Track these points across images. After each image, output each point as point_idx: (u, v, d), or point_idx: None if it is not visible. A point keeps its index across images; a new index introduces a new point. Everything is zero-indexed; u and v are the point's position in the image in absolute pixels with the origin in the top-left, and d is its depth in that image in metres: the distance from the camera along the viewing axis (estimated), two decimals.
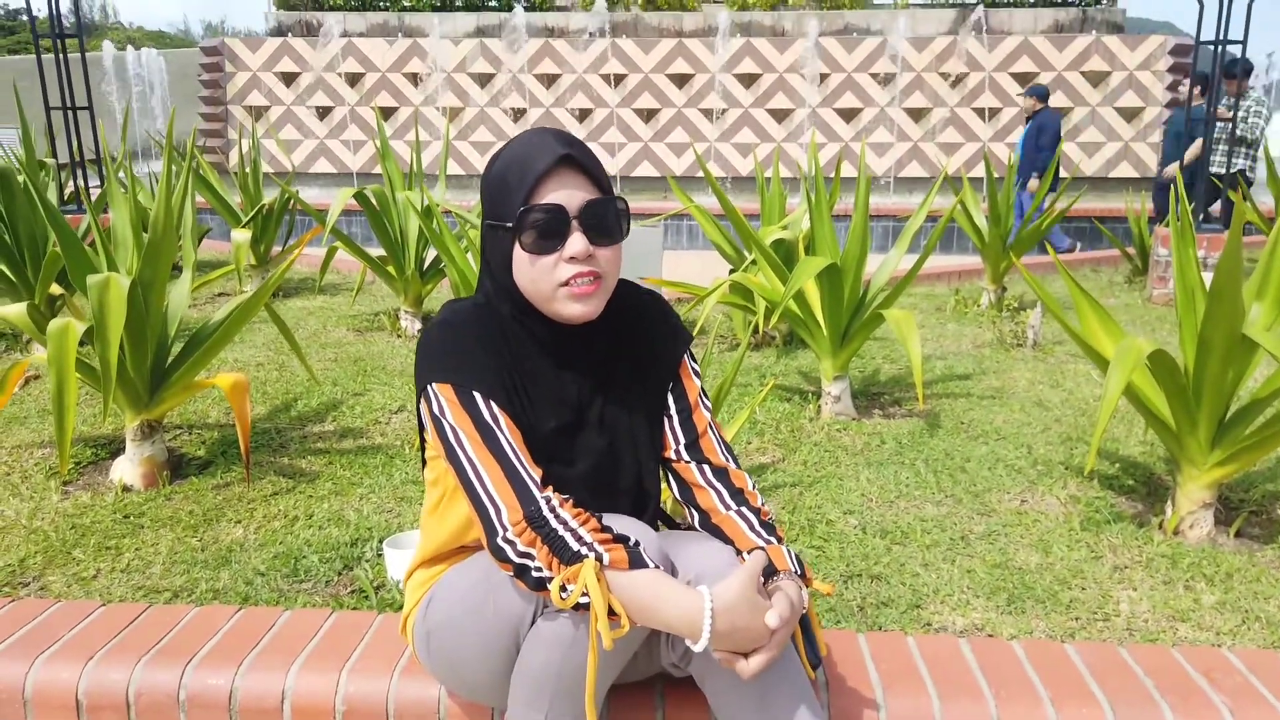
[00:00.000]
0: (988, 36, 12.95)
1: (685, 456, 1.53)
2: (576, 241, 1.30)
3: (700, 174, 12.92)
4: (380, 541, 2.41)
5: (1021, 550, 2.48)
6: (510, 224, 1.31)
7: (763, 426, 3.43)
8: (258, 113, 13.43)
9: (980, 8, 13.08)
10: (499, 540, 1.28)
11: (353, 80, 13.32)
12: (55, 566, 2.28)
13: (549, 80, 13.15)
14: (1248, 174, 7.31)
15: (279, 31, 13.80)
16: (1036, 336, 4.50)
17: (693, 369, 1.58)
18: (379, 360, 4.22)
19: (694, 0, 14.19)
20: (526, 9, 13.92)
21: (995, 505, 2.77)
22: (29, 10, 6.79)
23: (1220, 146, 7.30)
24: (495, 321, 1.40)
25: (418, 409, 1.46)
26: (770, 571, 1.37)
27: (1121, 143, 12.85)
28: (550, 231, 1.29)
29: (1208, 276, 5.51)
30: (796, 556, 1.43)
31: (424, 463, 1.56)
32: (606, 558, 1.23)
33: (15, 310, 2.84)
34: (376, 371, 4.02)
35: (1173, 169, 7.88)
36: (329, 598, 2.15)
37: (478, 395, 1.34)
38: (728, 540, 1.46)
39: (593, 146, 13.16)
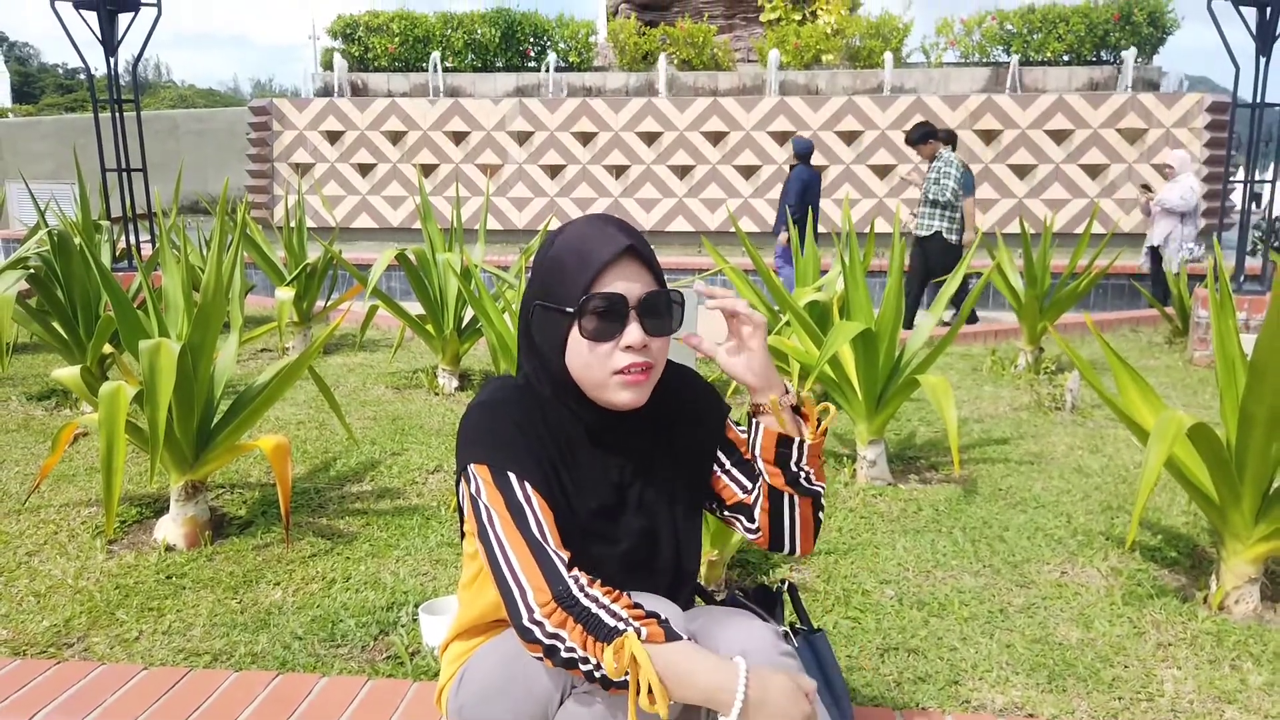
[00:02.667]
0: (1021, 94, 13.01)
1: (753, 487, 1.52)
2: (634, 332, 1.32)
3: (734, 229, 13.01)
4: (416, 606, 2.43)
5: (1062, 625, 2.44)
6: (570, 309, 1.33)
7: None
8: (303, 170, 13.80)
9: (1013, 66, 13.17)
10: (525, 622, 1.28)
11: (395, 138, 13.66)
12: (99, 627, 2.33)
13: (586, 138, 13.38)
14: (945, 235, 7.13)
15: (325, 92, 14.24)
16: (1075, 400, 4.45)
17: (736, 428, 1.60)
18: (416, 419, 4.27)
19: (729, 60, 14.45)
20: (565, 69, 14.24)
21: (1034, 577, 2.73)
22: (88, 74, 7.10)
23: (921, 209, 7.29)
24: (537, 403, 1.43)
25: (457, 486, 1.48)
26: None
27: None
28: (611, 320, 1.31)
29: (1249, 339, 5.43)
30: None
31: (463, 535, 1.58)
32: (644, 632, 1.24)
33: (69, 374, 2.94)
34: (414, 430, 4.07)
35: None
36: (365, 664, 2.17)
37: (513, 476, 1.35)
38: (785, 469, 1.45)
39: (628, 202, 13.36)
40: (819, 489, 1.48)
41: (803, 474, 1.45)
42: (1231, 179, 6.86)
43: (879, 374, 3.54)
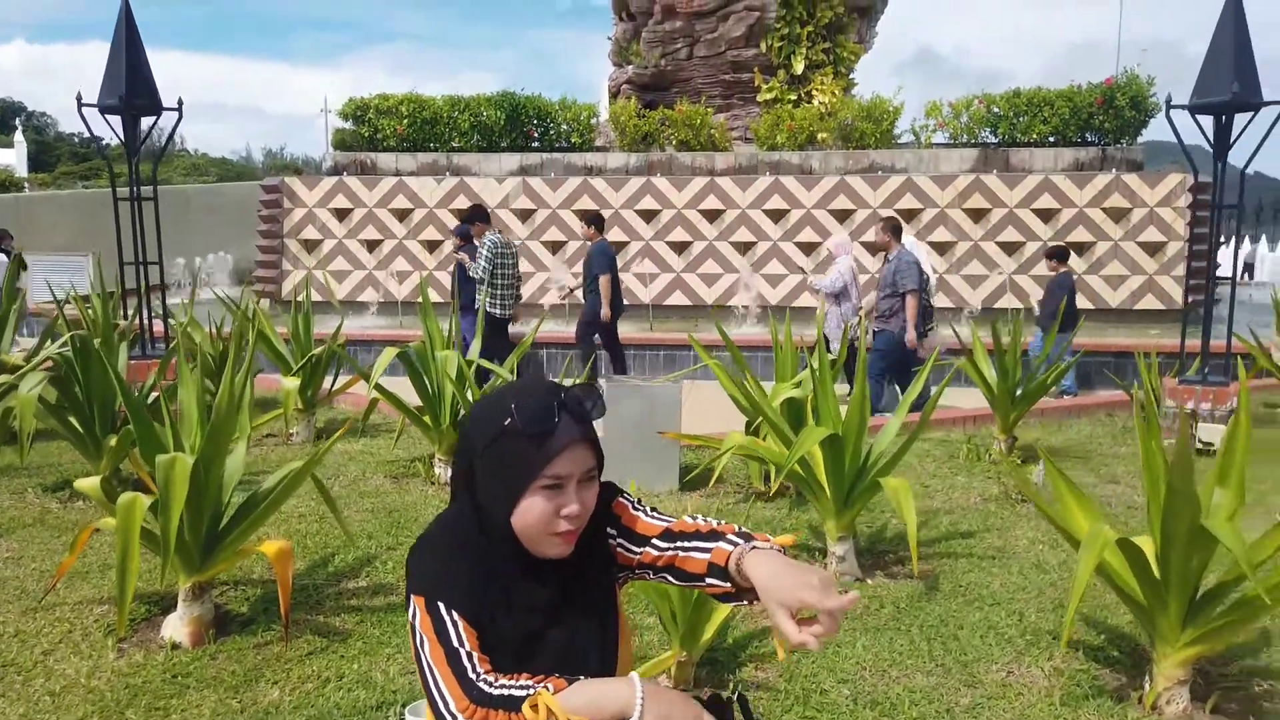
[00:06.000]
0: (1009, 174, 13.42)
1: (643, 557, 1.68)
2: (575, 505, 1.55)
3: (732, 301, 13.35)
4: (403, 706, 2.62)
5: None
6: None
7: None
8: (311, 246, 14.21)
9: (999, 147, 13.62)
10: None
11: (401, 215, 14.10)
12: None
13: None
14: (489, 309, 7.59)
15: (335, 170, 14.74)
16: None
17: (624, 500, 1.75)
18: (412, 511, 4.49)
19: (726, 141, 14.94)
20: (567, 149, 14.75)
21: (982, 676, 2.91)
22: (110, 170, 7.47)
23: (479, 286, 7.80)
24: (473, 539, 1.64)
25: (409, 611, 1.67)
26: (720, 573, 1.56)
27: (1145, 276, 13.08)
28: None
29: (1215, 429, 5.64)
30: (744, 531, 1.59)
31: None
32: (550, 687, 1.45)
33: (90, 484, 3.18)
34: (410, 524, 4.29)
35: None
36: None
37: (442, 605, 1.56)
38: (695, 575, 1.61)
39: (627, 276, 13.69)
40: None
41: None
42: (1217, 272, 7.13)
43: (846, 476, 3.76)
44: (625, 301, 9.04)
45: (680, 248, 13.85)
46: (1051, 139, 14.15)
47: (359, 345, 10.33)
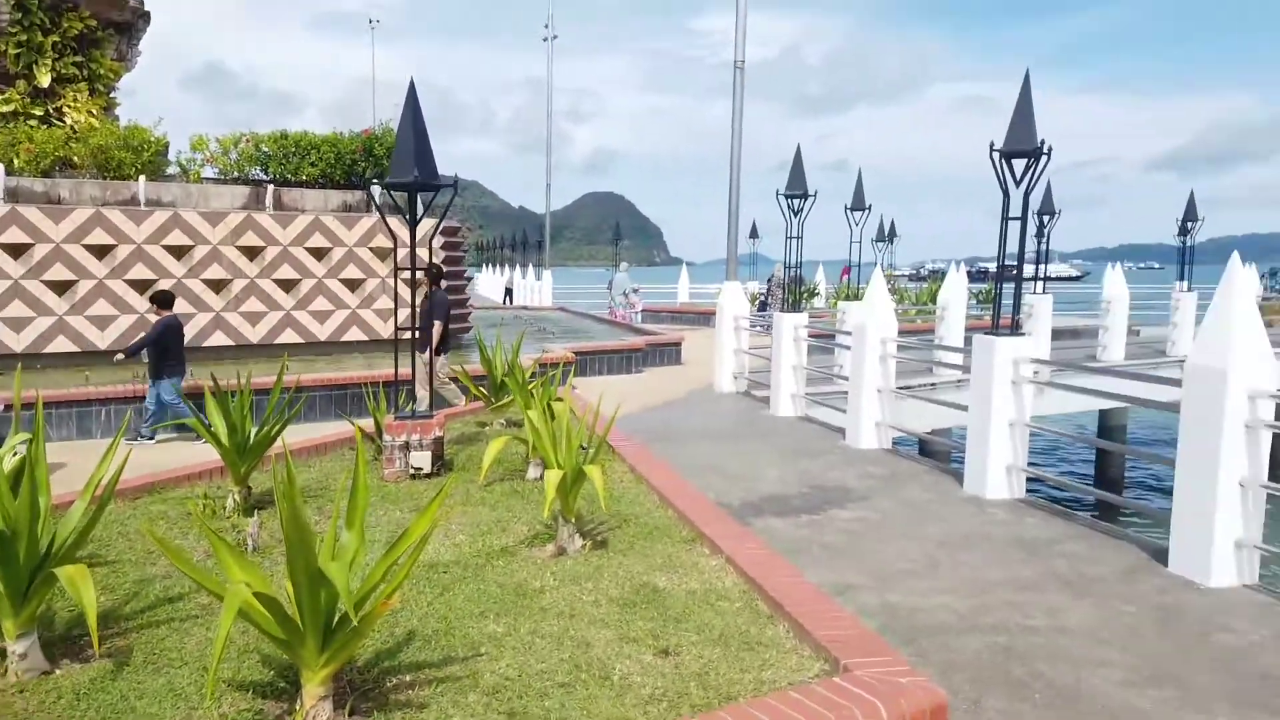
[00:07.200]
0: (282, 213, 13.87)
1: None
2: None
3: None
4: None
5: None
6: None
7: None
8: None
9: (271, 186, 14.00)
10: None
11: None
12: None
13: None
14: None
15: None
16: (255, 542, 5.04)
17: None
18: None
19: None
20: None
21: None
22: None
23: None
24: None
25: None
26: None
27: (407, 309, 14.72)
28: None
29: (424, 455, 6.72)
30: None
31: None
32: None
33: None
34: None
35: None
36: None
37: None
38: None
39: None
40: None
41: None
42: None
43: (22, 572, 3.61)
44: None
45: None
46: (321, 181, 15.02)
47: None
